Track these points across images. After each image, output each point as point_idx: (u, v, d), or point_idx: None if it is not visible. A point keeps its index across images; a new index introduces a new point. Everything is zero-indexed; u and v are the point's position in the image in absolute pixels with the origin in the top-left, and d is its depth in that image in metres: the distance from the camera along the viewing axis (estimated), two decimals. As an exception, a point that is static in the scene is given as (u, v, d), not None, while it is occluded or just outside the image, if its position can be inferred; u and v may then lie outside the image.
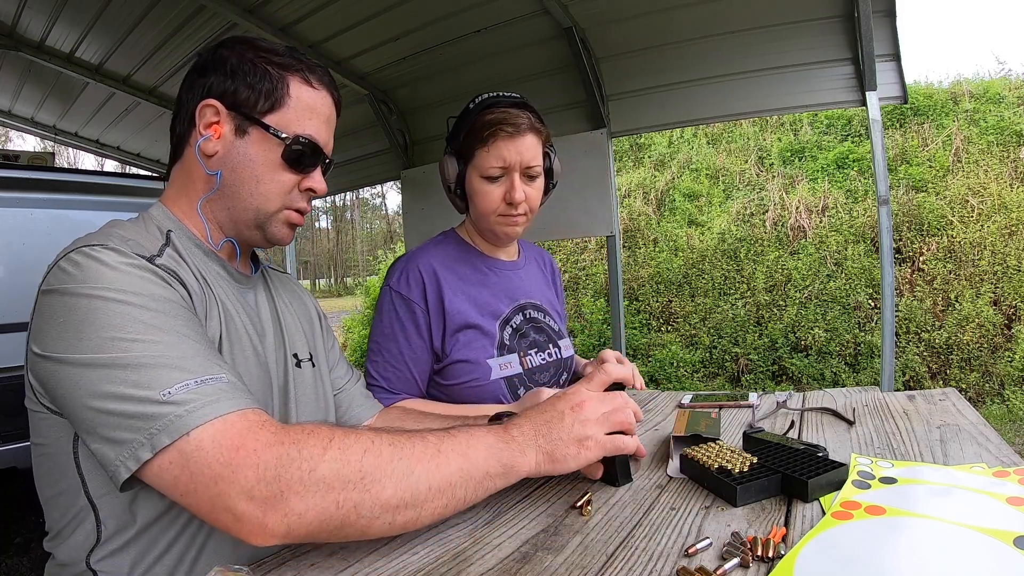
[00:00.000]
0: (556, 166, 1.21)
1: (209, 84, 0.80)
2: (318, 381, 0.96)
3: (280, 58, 0.81)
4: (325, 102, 0.85)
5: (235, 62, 0.80)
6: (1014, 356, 4.88)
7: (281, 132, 0.80)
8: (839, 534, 0.61)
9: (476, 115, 1.12)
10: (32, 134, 5.77)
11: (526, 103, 1.15)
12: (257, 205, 0.82)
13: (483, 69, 3.72)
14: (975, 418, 0.99)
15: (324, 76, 0.85)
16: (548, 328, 1.29)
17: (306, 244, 27.87)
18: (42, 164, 3.50)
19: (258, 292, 0.92)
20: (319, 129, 0.84)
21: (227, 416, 0.59)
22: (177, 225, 0.82)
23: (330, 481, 0.58)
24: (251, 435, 0.58)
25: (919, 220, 6.06)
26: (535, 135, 1.13)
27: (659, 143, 8.71)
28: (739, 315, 6.19)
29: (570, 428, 0.72)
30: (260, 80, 0.79)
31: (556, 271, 1.45)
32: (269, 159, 0.81)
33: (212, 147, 0.80)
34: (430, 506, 0.63)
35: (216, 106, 0.79)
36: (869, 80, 2.85)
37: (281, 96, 0.80)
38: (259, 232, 0.85)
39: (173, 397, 0.58)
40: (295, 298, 1.02)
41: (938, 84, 7.76)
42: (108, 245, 0.68)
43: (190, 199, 0.83)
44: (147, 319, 0.63)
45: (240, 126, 0.80)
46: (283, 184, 0.83)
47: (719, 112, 3.43)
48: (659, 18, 3.17)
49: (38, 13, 3.57)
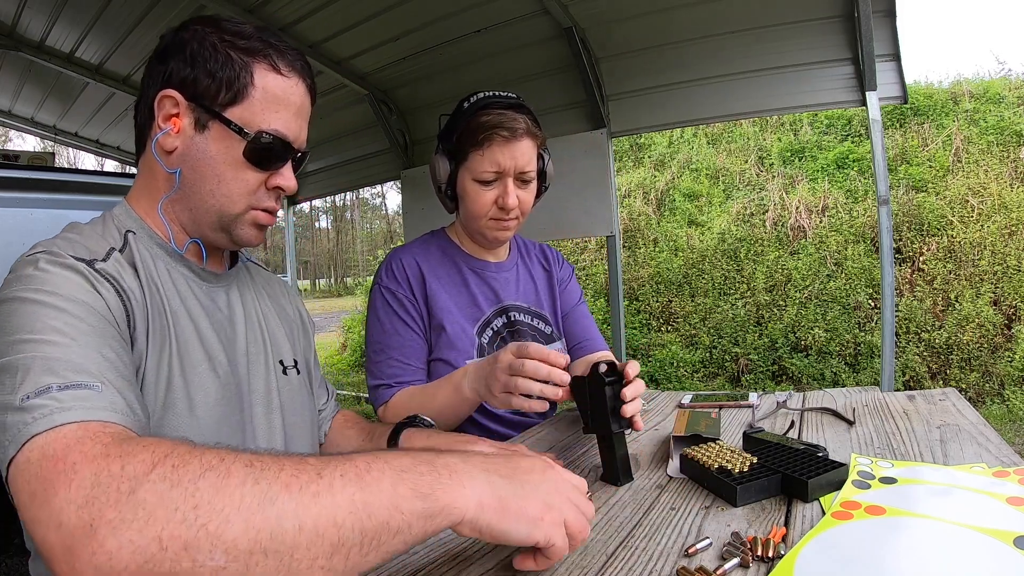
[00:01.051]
0: (549, 168, 1.19)
1: (169, 71, 0.73)
2: (304, 390, 0.91)
3: (245, 42, 0.74)
4: (296, 91, 0.77)
5: (196, 47, 0.73)
6: (1014, 356, 4.88)
7: (243, 127, 0.73)
8: (839, 534, 0.61)
9: (471, 116, 1.09)
10: (32, 134, 5.77)
11: (522, 104, 1.12)
12: (219, 207, 0.76)
13: (483, 69, 3.72)
14: (975, 418, 0.99)
15: (296, 60, 0.77)
16: (536, 332, 1.25)
17: (306, 244, 27.87)
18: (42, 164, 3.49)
19: (232, 291, 0.86)
20: (288, 122, 0.77)
21: (65, 426, 0.49)
22: (139, 225, 0.77)
23: (151, 508, 0.41)
24: (78, 446, 0.47)
25: (919, 220, 6.06)
26: (531, 139, 1.10)
27: (659, 143, 8.70)
28: (739, 315, 6.19)
29: (538, 485, 0.55)
30: (221, 68, 0.72)
31: (564, 266, 1.38)
32: (231, 157, 0.74)
33: (171, 142, 0.74)
34: (304, 555, 0.43)
35: (175, 97, 0.73)
36: (869, 80, 2.85)
37: (244, 86, 0.73)
38: (224, 234, 0.79)
39: (30, 402, 0.51)
40: (282, 300, 0.97)
41: (938, 84, 7.76)
42: (48, 250, 0.65)
43: (152, 198, 0.78)
44: (52, 319, 0.58)
45: (200, 120, 0.73)
46: (247, 184, 0.76)
47: (719, 112, 3.43)
48: (659, 18, 3.16)
49: (38, 13, 3.57)
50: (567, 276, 1.38)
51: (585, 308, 1.37)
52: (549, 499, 0.54)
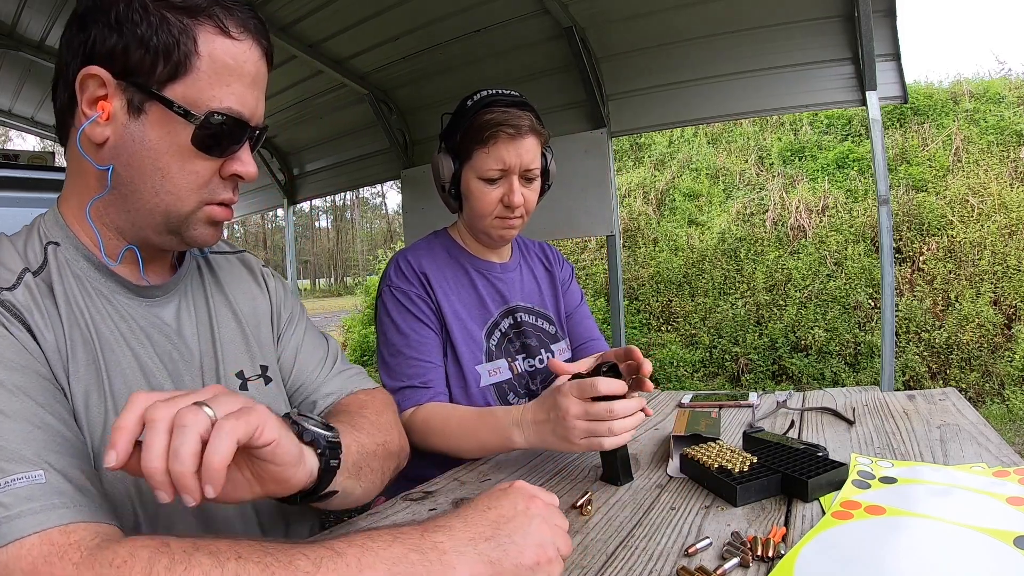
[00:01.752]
0: (552, 167, 1.18)
1: (91, 42, 0.59)
2: (271, 399, 0.77)
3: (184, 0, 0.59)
4: (250, 56, 0.63)
5: (121, 8, 0.58)
6: (1014, 356, 4.88)
7: (189, 108, 0.60)
8: (839, 534, 0.61)
9: (475, 113, 1.08)
10: (32, 134, 5.76)
11: (526, 102, 1.12)
12: (166, 206, 0.63)
13: (483, 69, 3.72)
14: (975, 418, 0.99)
15: (248, 19, 0.63)
16: (541, 332, 1.25)
17: (306, 244, 27.89)
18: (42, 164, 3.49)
19: (183, 299, 0.73)
20: (243, 96, 0.63)
21: (24, 540, 0.45)
22: (65, 234, 0.65)
23: None
24: (44, 570, 0.44)
25: (919, 220, 6.06)
26: (535, 137, 1.10)
27: (659, 143, 8.70)
28: (739, 315, 6.19)
29: (526, 529, 0.52)
30: (156, 34, 0.58)
31: (565, 265, 1.38)
32: (175, 145, 0.61)
33: (100, 132, 0.60)
34: None
35: (100, 75, 0.58)
36: (869, 80, 2.84)
37: (186, 56, 0.59)
38: (173, 237, 0.67)
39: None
40: (246, 290, 0.82)
41: (938, 84, 7.76)
42: None
43: (81, 199, 0.65)
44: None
45: (133, 101, 0.59)
46: (198, 176, 0.63)
47: (719, 112, 3.43)
48: (659, 18, 3.16)
49: (38, 13, 3.57)
50: (568, 276, 1.37)
51: (586, 308, 1.37)
52: (539, 538, 0.52)
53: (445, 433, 1.00)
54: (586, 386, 0.79)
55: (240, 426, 0.45)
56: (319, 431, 0.53)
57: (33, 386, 0.54)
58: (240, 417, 0.46)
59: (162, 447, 0.44)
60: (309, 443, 0.52)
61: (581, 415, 0.79)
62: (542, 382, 1.22)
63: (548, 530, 0.53)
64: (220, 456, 0.44)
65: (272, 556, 0.45)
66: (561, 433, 0.81)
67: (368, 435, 0.71)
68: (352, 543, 0.47)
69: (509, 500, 0.55)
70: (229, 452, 0.44)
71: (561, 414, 0.81)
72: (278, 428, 0.49)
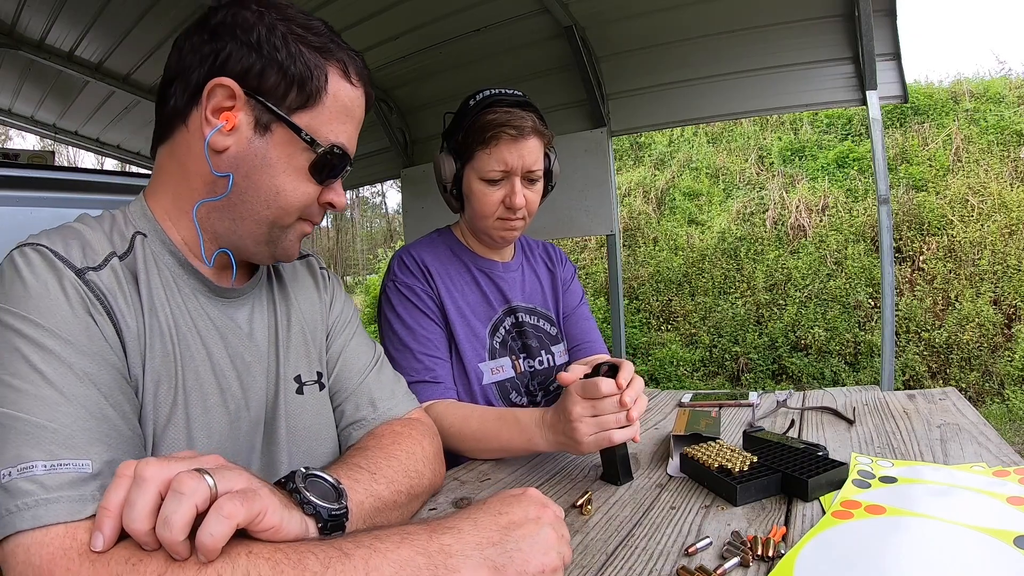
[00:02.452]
0: (556, 168, 1.17)
1: (226, 54, 0.62)
2: (325, 405, 0.80)
3: (319, 39, 0.65)
4: (360, 103, 0.70)
5: (263, 33, 0.62)
6: (1014, 356, 4.88)
7: (314, 137, 0.65)
8: (839, 533, 0.61)
9: (477, 113, 1.07)
10: (32, 133, 5.77)
11: (529, 102, 1.10)
12: (272, 219, 0.68)
13: (483, 68, 3.72)
14: (975, 417, 0.99)
15: (363, 69, 0.69)
16: (542, 333, 1.24)
17: (306, 243, 27.59)
18: (42, 163, 3.49)
19: (255, 304, 0.75)
20: (351, 136, 0.69)
21: (50, 528, 0.46)
22: (153, 227, 0.67)
23: None
24: (62, 564, 0.45)
25: (919, 219, 6.06)
26: (538, 138, 1.09)
27: (659, 142, 8.70)
28: (739, 314, 6.19)
29: (534, 536, 0.53)
30: (293, 63, 0.62)
31: (567, 265, 1.36)
32: (293, 166, 0.66)
33: (222, 141, 0.63)
34: None
35: (232, 88, 0.62)
36: (869, 79, 2.84)
37: (318, 90, 0.64)
38: (267, 248, 0.71)
39: (12, 482, 0.47)
40: (307, 293, 0.84)
41: (938, 83, 7.75)
42: (44, 246, 0.59)
43: (178, 198, 0.68)
44: (37, 360, 0.52)
45: (261, 120, 0.63)
46: (306, 196, 0.68)
47: (719, 111, 3.43)
48: (659, 17, 3.16)
49: (38, 12, 3.57)
50: (570, 276, 1.36)
51: (586, 309, 1.36)
52: (546, 547, 0.53)
53: (463, 434, 0.98)
54: (589, 386, 0.80)
55: (242, 512, 0.44)
56: (322, 504, 0.52)
57: (101, 375, 0.56)
58: (244, 502, 0.44)
59: (146, 507, 0.43)
60: (311, 515, 0.52)
61: (585, 414, 0.80)
62: (540, 384, 1.21)
63: (555, 539, 0.54)
64: (215, 540, 0.42)
65: (282, 553, 0.45)
66: (569, 434, 0.82)
67: (388, 484, 0.68)
68: (360, 544, 0.48)
69: (521, 507, 0.55)
70: (225, 537, 0.43)
71: (566, 415, 0.82)
72: (280, 511, 0.48)
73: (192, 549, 0.43)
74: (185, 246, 0.69)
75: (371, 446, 0.75)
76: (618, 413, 0.79)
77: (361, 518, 0.62)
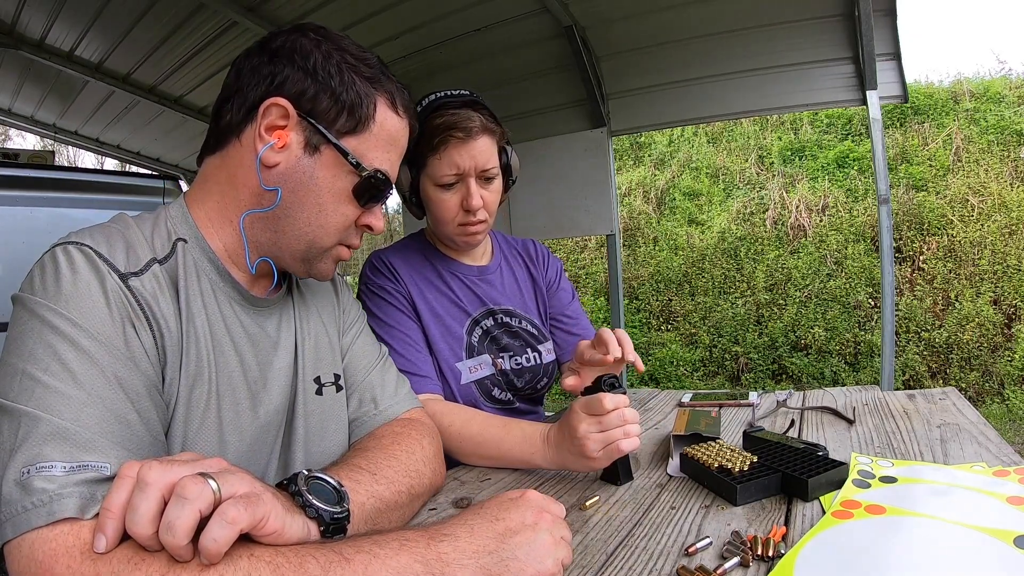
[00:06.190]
0: (514, 162, 1.15)
1: (283, 77, 0.66)
2: (340, 405, 0.82)
3: (370, 70, 0.69)
4: (405, 133, 0.74)
5: (319, 60, 0.67)
6: (1014, 356, 4.88)
7: (360, 161, 0.68)
8: (839, 533, 0.61)
9: (424, 119, 1.05)
10: (32, 132, 5.77)
11: (477, 100, 1.08)
12: (312, 236, 0.70)
13: (483, 68, 3.72)
14: (975, 417, 0.99)
15: (409, 102, 0.74)
16: (524, 333, 1.23)
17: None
18: (42, 162, 3.50)
19: (283, 313, 0.78)
20: (394, 164, 0.73)
21: (57, 525, 0.47)
22: (194, 233, 0.69)
23: None
24: (63, 561, 0.46)
25: (919, 219, 6.06)
26: (488, 136, 1.07)
27: (659, 142, 8.69)
28: (739, 314, 6.19)
29: (531, 542, 0.53)
30: (346, 90, 0.67)
31: (551, 263, 1.34)
32: (337, 188, 0.69)
33: (273, 157, 0.66)
34: None
35: (287, 108, 0.65)
36: (869, 79, 2.85)
37: (366, 118, 0.68)
38: (304, 266, 0.74)
39: (30, 481, 0.48)
40: (326, 298, 0.87)
41: (938, 83, 7.74)
42: (87, 245, 0.59)
43: (224, 207, 0.70)
44: (69, 358, 0.53)
45: (311, 141, 0.67)
46: (346, 218, 0.71)
47: (719, 111, 3.43)
48: (659, 17, 3.16)
49: (38, 11, 3.57)
50: (555, 276, 1.33)
51: (579, 305, 1.35)
52: (542, 553, 0.53)
53: (462, 435, 0.98)
54: (593, 403, 0.81)
55: (245, 517, 0.44)
56: (324, 508, 0.53)
57: (131, 380, 0.57)
58: (247, 507, 0.45)
59: (149, 512, 0.43)
60: (313, 519, 0.52)
61: (592, 431, 0.80)
62: (527, 382, 1.21)
63: (552, 545, 0.54)
64: (219, 545, 0.43)
65: (283, 557, 0.46)
66: (577, 451, 0.82)
67: (388, 484, 0.69)
68: (360, 549, 0.49)
69: (518, 512, 0.55)
70: (229, 541, 0.43)
71: (572, 433, 0.82)
72: (282, 515, 0.48)
73: (195, 551, 0.44)
74: (224, 253, 0.71)
75: (371, 447, 0.76)
76: (624, 426, 0.80)
77: (362, 519, 0.62)
